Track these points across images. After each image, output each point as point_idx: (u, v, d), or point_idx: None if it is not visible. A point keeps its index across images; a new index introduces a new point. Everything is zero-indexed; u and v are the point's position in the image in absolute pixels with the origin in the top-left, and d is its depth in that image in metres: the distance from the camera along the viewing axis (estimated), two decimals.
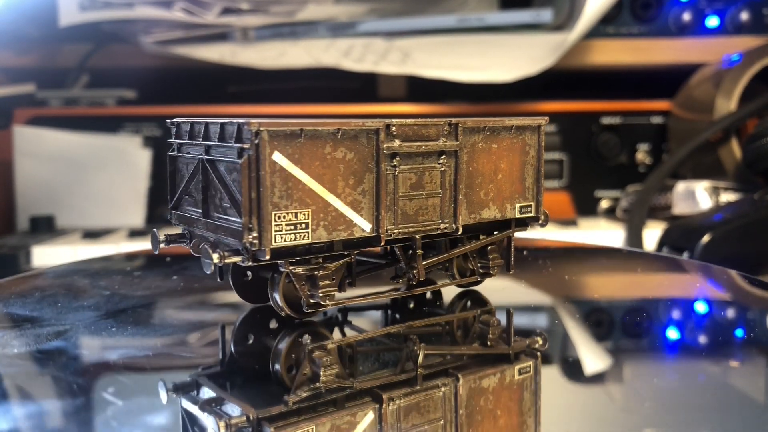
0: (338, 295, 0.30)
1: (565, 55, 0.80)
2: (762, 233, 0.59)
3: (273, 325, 0.33)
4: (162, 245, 0.32)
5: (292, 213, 0.28)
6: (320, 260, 0.29)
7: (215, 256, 0.27)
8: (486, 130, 0.33)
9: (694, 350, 0.34)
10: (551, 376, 0.30)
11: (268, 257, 0.27)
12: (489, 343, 0.32)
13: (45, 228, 0.77)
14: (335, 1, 0.88)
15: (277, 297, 0.30)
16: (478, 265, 0.35)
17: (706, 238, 0.57)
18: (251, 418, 0.25)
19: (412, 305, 0.37)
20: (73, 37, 0.85)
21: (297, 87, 0.90)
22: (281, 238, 0.27)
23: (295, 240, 0.28)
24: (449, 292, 0.37)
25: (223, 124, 0.29)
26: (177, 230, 0.33)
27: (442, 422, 0.26)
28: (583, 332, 0.37)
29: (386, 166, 0.30)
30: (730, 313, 0.40)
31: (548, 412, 0.27)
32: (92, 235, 0.74)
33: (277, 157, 0.27)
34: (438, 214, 0.32)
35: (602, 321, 0.39)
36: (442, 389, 0.28)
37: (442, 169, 0.31)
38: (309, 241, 0.28)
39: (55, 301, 0.39)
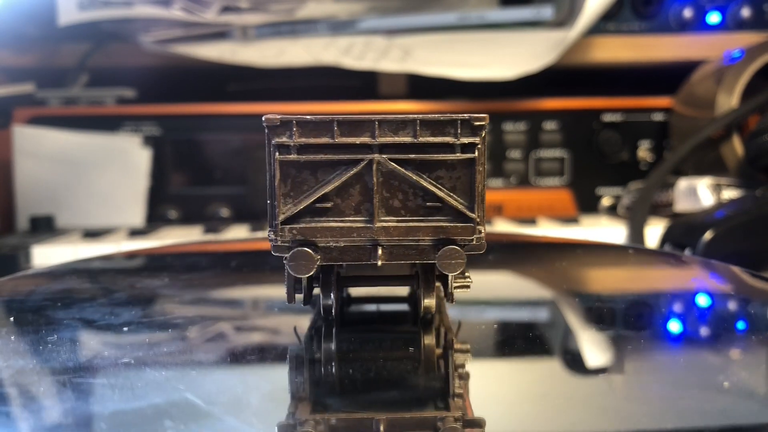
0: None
1: (566, 52, 0.79)
2: (764, 230, 0.59)
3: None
4: (317, 264, 0.27)
5: None
6: None
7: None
8: None
9: (697, 345, 0.34)
10: (553, 369, 0.30)
11: (483, 251, 0.28)
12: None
13: (45, 228, 0.77)
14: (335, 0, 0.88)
15: (431, 301, 0.31)
16: None
17: (708, 235, 0.56)
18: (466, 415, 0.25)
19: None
20: (72, 37, 0.85)
21: (297, 85, 0.90)
22: None
23: None
24: None
25: (423, 120, 0.27)
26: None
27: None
28: (585, 326, 0.37)
29: None
30: (733, 307, 0.40)
31: (549, 406, 0.27)
32: (92, 234, 0.74)
33: None
34: None
35: (604, 315, 0.39)
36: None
37: None
38: None
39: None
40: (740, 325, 0.36)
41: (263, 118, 0.27)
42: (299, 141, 0.27)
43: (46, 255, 0.67)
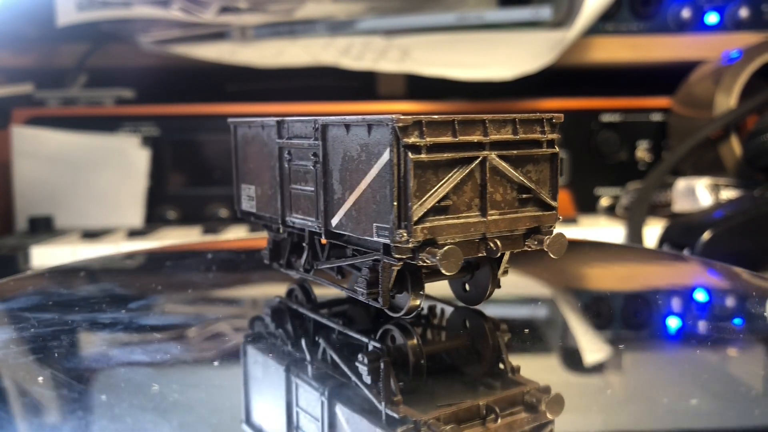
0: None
1: (564, 53, 0.79)
2: (762, 230, 0.59)
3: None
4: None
5: None
6: None
7: None
8: None
9: (697, 342, 0.34)
10: (552, 365, 0.30)
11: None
12: None
13: (44, 228, 0.77)
14: (334, 0, 0.88)
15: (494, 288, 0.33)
16: None
17: (706, 235, 0.56)
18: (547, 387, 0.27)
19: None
20: (71, 37, 0.85)
21: (296, 86, 0.90)
22: None
23: None
24: None
25: (520, 119, 0.30)
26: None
27: None
28: (585, 323, 0.37)
29: None
30: (730, 306, 0.40)
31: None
32: (91, 235, 0.74)
33: None
34: None
35: (603, 312, 0.39)
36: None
37: None
38: None
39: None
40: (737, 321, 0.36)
41: (393, 118, 0.27)
42: (429, 141, 0.27)
43: (44, 255, 0.67)
